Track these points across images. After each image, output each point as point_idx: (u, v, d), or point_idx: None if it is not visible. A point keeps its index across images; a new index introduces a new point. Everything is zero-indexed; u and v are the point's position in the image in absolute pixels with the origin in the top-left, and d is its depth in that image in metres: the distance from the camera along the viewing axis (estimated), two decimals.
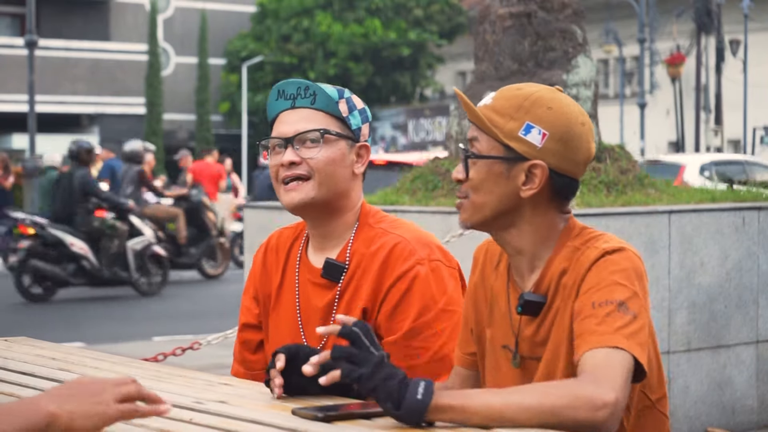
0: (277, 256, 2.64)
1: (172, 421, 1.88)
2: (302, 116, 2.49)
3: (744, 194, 6.37)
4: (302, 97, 2.49)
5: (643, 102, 29.01)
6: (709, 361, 5.86)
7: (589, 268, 2.10)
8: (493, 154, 2.15)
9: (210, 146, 34.12)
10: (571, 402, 1.88)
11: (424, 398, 1.84)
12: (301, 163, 2.47)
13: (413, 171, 6.92)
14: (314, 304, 2.53)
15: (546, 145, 2.14)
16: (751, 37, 31.32)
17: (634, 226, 5.54)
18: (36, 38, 17.31)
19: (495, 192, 2.16)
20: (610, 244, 2.13)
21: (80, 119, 33.66)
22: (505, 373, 2.24)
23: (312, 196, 2.48)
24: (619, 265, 2.09)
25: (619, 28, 34.68)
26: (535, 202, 2.17)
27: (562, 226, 2.20)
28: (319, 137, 2.47)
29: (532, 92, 2.17)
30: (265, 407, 2.02)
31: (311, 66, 34.37)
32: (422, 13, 35.63)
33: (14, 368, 2.38)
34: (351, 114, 2.52)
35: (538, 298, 2.17)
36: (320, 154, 2.47)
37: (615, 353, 1.97)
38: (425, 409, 1.84)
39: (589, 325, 2.02)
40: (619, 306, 2.03)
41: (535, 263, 2.20)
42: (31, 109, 17.09)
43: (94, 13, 34.79)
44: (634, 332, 2.01)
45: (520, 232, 2.18)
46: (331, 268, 2.52)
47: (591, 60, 6.81)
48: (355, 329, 1.93)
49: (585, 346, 2.00)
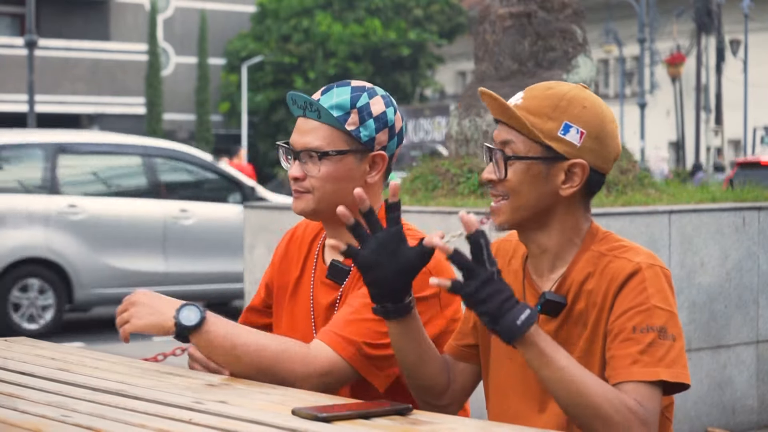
0: (299, 247, 2.66)
1: (172, 421, 1.88)
2: (311, 127, 2.47)
3: (744, 194, 6.37)
4: (309, 110, 2.48)
5: (644, 102, 29.03)
6: (709, 361, 5.86)
7: (622, 284, 2.12)
8: (532, 155, 2.16)
9: (210, 146, 34.19)
10: (615, 412, 2.00)
11: (522, 326, 1.98)
12: (305, 179, 2.48)
13: (413, 171, 6.92)
14: (322, 301, 2.56)
15: (584, 143, 2.16)
16: (751, 37, 31.34)
17: (634, 226, 5.54)
18: (36, 38, 17.31)
19: (534, 193, 2.17)
20: (641, 257, 2.14)
21: (80, 119, 33.67)
22: (509, 370, 2.26)
23: (312, 207, 2.49)
24: (655, 285, 2.12)
25: (619, 28, 34.70)
26: (569, 202, 2.19)
27: (586, 227, 2.22)
28: (319, 157, 2.46)
29: (566, 91, 2.18)
30: (265, 407, 2.02)
31: (311, 66, 34.37)
32: (422, 13, 35.64)
33: (14, 368, 2.38)
34: (363, 125, 2.47)
35: (559, 299, 2.18)
36: (320, 172, 2.47)
37: (657, 389, 2.06)
38: (520, 335, 1.98)
39: (631, 351, 2.07)
40: (659, 333, 2.08)
41: (556, 263, 2.22)
42: (30, 109, 17.09)
43: (94, 13, 34.80)
44: (674, 359, 2.07)
45: (550, 232, 2.20)
46: (336, 271, 2.53)
47: (591, 60, 6.80)
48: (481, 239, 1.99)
49: (629, 375, 2.06)
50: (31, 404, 2.02)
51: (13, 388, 2.16)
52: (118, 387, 2.18)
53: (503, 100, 2.17)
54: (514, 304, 1.98)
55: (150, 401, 2.05)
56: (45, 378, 2.28)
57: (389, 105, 2.52)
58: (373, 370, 2.37)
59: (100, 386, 2.19)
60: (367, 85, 2.53)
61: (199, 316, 2.30)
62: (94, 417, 1.91)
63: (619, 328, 2.10)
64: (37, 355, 2.57)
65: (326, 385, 2.33)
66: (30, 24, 17.43)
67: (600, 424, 1.98)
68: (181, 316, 2.30)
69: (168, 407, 1.99)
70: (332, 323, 2.42)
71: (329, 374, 2.33)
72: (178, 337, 2.31)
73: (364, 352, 2.36)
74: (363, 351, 2.36)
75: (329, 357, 2.35)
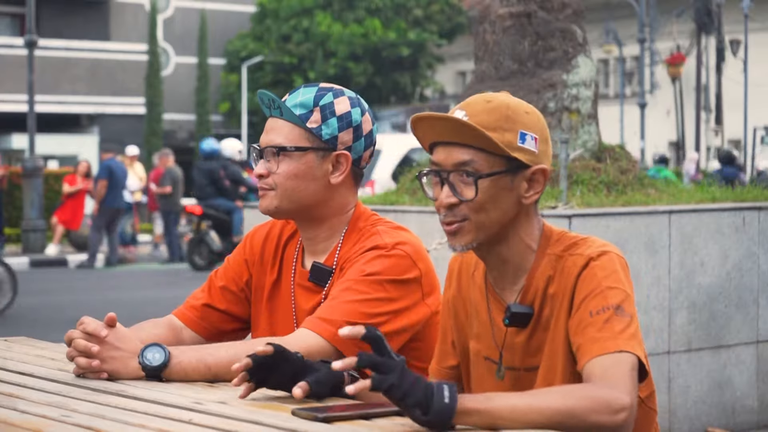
0: (276, 249, 2.64)
1: (172, 422, 1.88)
2: (274, 126, 2.51)
3: (744, 194, 6.37)
4: (273, 108, 2.51)
5: (644, 102, 29.00)
6: (709, 361, 5.86)
7: (577, 278, 2.12)
8: (497, 170, 2.14)
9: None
10: (592, 406, 1.91)
11: (451, 402, 1.83)
12: (268, 176, 2.50)
13: (413, 171, 6.92)
14: (303, 306, 2.54)
15: (540, 147, 2.17)
16: (751, 37, 31.31)
17: (634, 226, 5.54)
18: (36, 38, 17.31)
19: (501, 207, 2.15)
20: (592, 249, 2.15)
21: (80, 119, 33.65)
22: (489, 385, 2.25)
23: (275, 205, 2.51)
24: (606, 269, 2.11)
25: (619, 28, 34.68)
26: (528, 208, 2.19)
27: (539, 233, 2.21)
28: (276, 153, 2.48)
29: (504, 100, 2.17)
30: (265, 408, 2.02)
31: (311, 66, 34.36)
32: (422, 13, 35.62)
33: (14, 368, 2.38)
34: (324, 123, 2.47)
35: (526, 309, 2.17)
36: (280, 169, 2.48)
37: (621, 357, 2.00)
38: (453, 413, 1.84)
39: (591, 333, 2.04)
40: (616, 310, 2.06)
41: (517, 273, 2.20)
42: (30, 109, 17.09)
43: (94, 13, 34.77)
44: (633, 333, 2.04)
45: (509, 242, 2.19)
46: (318, 272, 2.53)
47: (591, 60, 6.80)
48: (379, 333, 1.91)
49: (590, 354, 2.02)
50: (31, 404, 2.02)
51: (13, 388, 2.16)
52: (118, 387, 2.18)
53: (464, 120, 2.11)
54: (431, 385, 1.85)
55: (150, 401, 2.05)
56: (45, 378, 2.28)
57: (356, 106, 2.52)
58: (356, 350, 2.31)
59: (100, 386, 2.19)
60: (336, 87, 2.54)
61: (164, 354, 2.25)
62: (94, 417, 1.91)
63: (578, 319, 2.09)
64: (37, 355, 2.57)
65: None
66: (30, 24, 17.43)
67: (592, 426, 1.92)
68: (146, 359, 2.25)
69: (168, 407, 1.99)
70: (315, 312, 2.41)
71: (310, 357, 2.28)
72: (150, 378, 2.26)
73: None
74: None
75: (308, 339, 2.32)
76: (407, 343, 2.44)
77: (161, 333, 2.54)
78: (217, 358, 2.28)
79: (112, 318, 2.29)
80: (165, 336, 2.53)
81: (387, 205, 6.23)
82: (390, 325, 2.39)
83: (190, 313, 2.63)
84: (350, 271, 2.44)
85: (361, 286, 2.39)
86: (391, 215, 5.72)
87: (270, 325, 2.60)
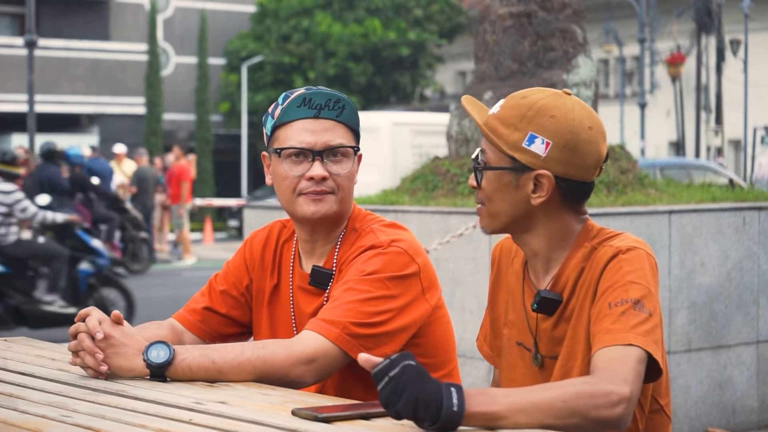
0: (274, 253, 2.64)
1: (172, 422, 1.88)
2: (326, 127, 2.46)
3: (745, 194, 6.37)
4: (329, 108, 2.46)
5: (644, 102, 29.01)
6: (709, 361, 5.86)
7: (603, 268, 2.14)
8: (501, 165, 2.18)
9: (210, 146, 34.19)
10: (591, 399, 1.91)
11: (459, 409, 1.82)
12: (328, 179, 2.46)
13: (413, 171, 6.92)
14: (305, 309, 2.54)
15: (550, 154, 2.16)
16: (751, 37, 31.32)
17: (634, 226, 5.54)
18: (36, 38, 17.30)
19: (507, 200, 2.19)
20: (624, 242, 2.17)
21: (80, 119, 33.64)
22: (521, 372, 2.27)
23: (335, 209, 2.48)
24: (633, 264, 2.12)
25: (619, 28, 34.67)
26: (547, 208, 2.20)
27: (579, 228, 2.23)
28: (352, 153, 2.48)
29: (537, 100, 2.18)
30: (265, 408, 2.01)
31: (311, 66, 34.35)
32: (422, 13, 35.60)
33: (14, 368, 2.38)
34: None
35: (554, 296, 2.19)
36: (346, 170, 2.47)
37: (629, 350, 2.00)
38: (461, 419, 1.83)
39: (605, 324, 2.05)
40: (634, 304, 2.06)
41: (550, 264, 2.24)
42: (30, 109, 17.08)
43: (94, 13, 34.77)
44: (649, 330, 2.04)
45: (537, 236, 2.22)
46: (319, 276, 2.52)
47: (591, 60, 6.80)
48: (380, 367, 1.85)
49: (600, 344, 2.03)
50: (31, 404, 2.02)
51: (13, 388, 2.16)
52: (118, 387, 2.18)
53: (475, 111, 2.22)
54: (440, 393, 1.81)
55: (150, 401, 2.05)
56: (45, 378, 2.28)
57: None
58: (362, 350, 2.29)
59: (100, 386, 2.18)
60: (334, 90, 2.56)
61: (168, 351, 2.24)
62: (94, 417, 1.91)
63: (598, 309, 2.10)
64: (37, 355, 2.57)
65: (317, 372, 2.30)
66: (30, 24, 17.42)
67: (592, 419, 1.92)
68: (151, 356, 2.24)
69: (168, 407, 1.99)
70: (318, 315, 2.40)
71: (315, 359, 2.29)
72: (154, 377, 2.24)
73: (351, 331, 2.32)
74: (349, 330, 2.32)
75: (313, 341, 2.31)
76: (409, 339, 2.44)
77: (164, 334, 2.53)
78: (222, 353, 2.27)
79: (118, 316, 2.29)
80: (168, 337, 2.52)
81: (387, 205, 6.23)
82: (394, 323, 2.38)
83: (190, 316, 2.62)
84: (349, 271, 2.43)
85: (362, 285, 2.38)
86: (391, 215, 5.72)
87: (271, 328, 2.60)
